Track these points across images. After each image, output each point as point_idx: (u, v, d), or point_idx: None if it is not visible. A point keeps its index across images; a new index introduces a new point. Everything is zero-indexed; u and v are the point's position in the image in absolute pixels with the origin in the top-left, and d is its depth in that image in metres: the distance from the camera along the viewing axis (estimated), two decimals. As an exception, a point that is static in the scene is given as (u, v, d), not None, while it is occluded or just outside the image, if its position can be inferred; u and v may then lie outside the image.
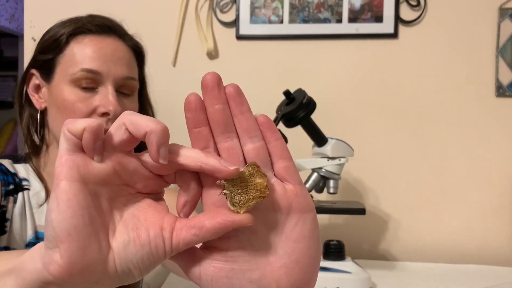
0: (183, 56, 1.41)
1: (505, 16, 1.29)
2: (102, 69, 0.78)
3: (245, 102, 0.38)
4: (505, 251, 1.31)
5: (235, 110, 0.38)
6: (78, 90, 0.78)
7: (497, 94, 1.31)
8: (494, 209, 1.32)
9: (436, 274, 1.18)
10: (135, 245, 0.33)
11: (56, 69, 0.80)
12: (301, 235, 0.39)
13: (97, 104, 0.78)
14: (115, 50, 0.81)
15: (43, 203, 0.80)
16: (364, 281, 1.03)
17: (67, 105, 0.77)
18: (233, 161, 0.38)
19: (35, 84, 0.83)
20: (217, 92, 0.37)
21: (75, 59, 0.78)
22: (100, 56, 0.79)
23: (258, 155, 0.39)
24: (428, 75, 1.33)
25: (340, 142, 1.06)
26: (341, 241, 1.09)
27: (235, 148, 0.38)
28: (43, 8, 1.44)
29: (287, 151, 0.40)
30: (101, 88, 0.79)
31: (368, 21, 1.33)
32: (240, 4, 1.36)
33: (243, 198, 0.36)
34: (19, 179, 0.80)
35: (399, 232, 1.35)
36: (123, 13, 1.41)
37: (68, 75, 0.78)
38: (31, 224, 0.79)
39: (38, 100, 0.83)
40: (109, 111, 0.77)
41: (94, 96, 0.78)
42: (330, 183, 1.07)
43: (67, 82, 0.78)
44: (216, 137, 0.38)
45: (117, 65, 0.80)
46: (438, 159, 1.33)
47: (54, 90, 0.79)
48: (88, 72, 0.77)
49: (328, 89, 1.35)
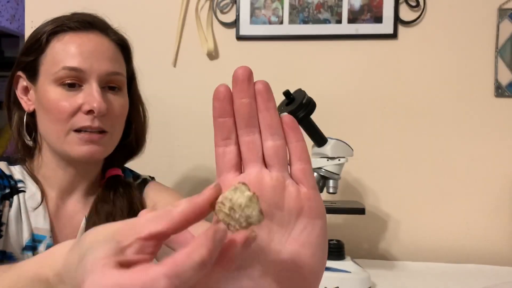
0: (183, 56, 1.41)
1: (504, 16, 1.30)
2: (84, 66, 0.76)
3: (272, 99, 0.39)
4: (505, 250, 1.31)
5: (261, 106, 0.38)
6: (61, 89, 0.76)
7: (496, 94, 1.31)
8: (494, 209, 1.32)
9: (435, 274, 1.18)
10: None
11: (40, 69, 0.78)
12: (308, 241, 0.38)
13: (81, 102, 0.75)
14: (97, 45, 0.79)
15: (38, 206, 0.78)
16: (363, 280, 1.03)
17: (52, 105, 0.76)
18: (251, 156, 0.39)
19: (23, 86, 0.81)
20: (246, 86, 0.38)
21: (56, 58, 0.76)
22: (82, 52, 0.76)
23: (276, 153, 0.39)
24: (427, 76, 1.34)
25: (340, 142, 1.07)
26: (341, 241, 1.09)
27: (256, 143, 0.39)
28: (44, 9, 1.45)
29: (306, 153, 0.39)
30: (85, 85, 0.77)
31: (367, 21, 1.33)
32: (240, 5, 1.36)
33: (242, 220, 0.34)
34: (14, 181, 0.79)
35: (399, 232, 1.35)
36: (124, 14, 1.42)
37: (51, 74, 0.76)
38: (27, 227, 0.77)
39: (27, 103, 0.81)
40: (93, 108, 0.75)
41: (78, 94, 0.76)
42: (329, 183, 1.07)
43: (51, 82, 0.76)
44: (239, 129, 0.39)
45: (100, 60, 0.77)
46: (437, 159, 1.34)
47: (40, 91, 0.78)
48: (70, 70, 0.75)
49: (328, 90, 1.35)
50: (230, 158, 0.39)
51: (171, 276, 0.28)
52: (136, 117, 0.88)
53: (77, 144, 0.76)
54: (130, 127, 0.87)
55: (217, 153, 0.40)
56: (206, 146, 1.41)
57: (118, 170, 0.88)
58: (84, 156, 0.77)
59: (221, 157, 0.39)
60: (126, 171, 0.92)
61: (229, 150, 0.39)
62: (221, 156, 0.39)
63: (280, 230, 0.39)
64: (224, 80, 1.39)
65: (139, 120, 0.89)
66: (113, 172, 0.87)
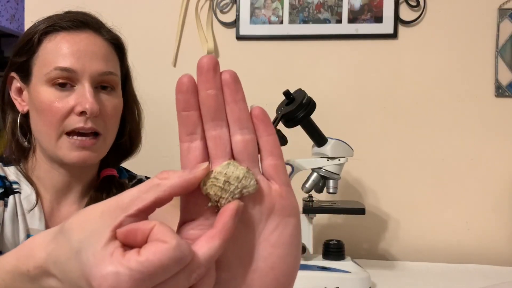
0: (183, 56, 1.41)
1: (505, 16, 1.30)
2: (76, 66, 0.74)
3: (240, 90, 0.36)
4: (505, 250, 1.31)
5: (228, 98, 0.36)
6: (54, 90, 0.74)
7: (496, 94, 1.31)
8: (494, 209, 1.32)
9: (435, 274, 1.18)
10: None
11: (33, 70, 0.77)
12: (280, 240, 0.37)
13: (73, 103, 0.74)
14: (89, 45, 0.76)
15: (33, 207, 0.77)
16: (363, 280, 1.03)
17: (44, 106, 0.74)
18: (219, 152, 0.36)
19: (17, 88, 0.80)
20: (212, 76, 0.35)
21: (48, 59, 0.75)
22: (73, 52, 0.74)
23: (246, 148, 0.36)
24: (427, 76, 1.34)
25: (340, 142, 1.07)
26: (341, 241, 1.09)
27: (223, 138, 0.36)
28: (43, 9, 1.44)
29: (278, 148, 0.37)
30: (78, 86, 0.75)
31: (367, 21, 1.33)
32: (240, 5, 1.36)
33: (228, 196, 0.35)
34: (9, 182, 0.77)
35: (399, 232, 1.35)
36: (124, 14, 1.42)
37: (43, 75, 0.74)
38: (23, 227, 0.76)
39: (21, 104, 0.79)
40: (85, 109, 0.73)
41: (70, 95, 0.74)
42: (329, 183, 1.07)
43: (43, 82, 0.75)
44: (205, 123, 0.36)
45: (92, 60, 0.75)
46: (437, 159, 1.34)
47: (33, 92, 0.76)
48: (62, 71, 0.73)
49: (328, 89, 1.35)
50: (196, 154, 0.37)
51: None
52: (130, 117, 0.86)
53: (68, 149, 0.75)
54: (125, 127, 0.85)
55: (181, 149, 0.37)
56: (206, 146, 1.41)
57: (113, 170, 0.86)
58: (77, 162, 0.75)
59: (186, 154, 0.37)
60: (122, 172, 0.91)
61: (194, 146, 0.37)
62: (186, 153, 0.37)
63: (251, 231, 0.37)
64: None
65: (133, 120, 0.87)
66: (108, 172, 0.85)
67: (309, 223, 1.08)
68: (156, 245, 0.31)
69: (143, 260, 0.30)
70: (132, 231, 0.32)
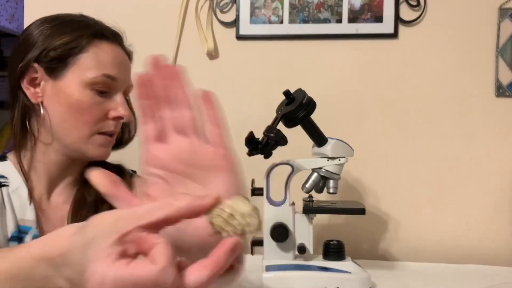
0: (183, 56, 1.41)
1: (505, 16, 1.29)
2: (118, 76, 0.82)
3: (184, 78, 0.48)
4: (505, 251, 1.31)
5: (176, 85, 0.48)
6: (93, 94, 0.80)
7: (497, 94, 1.31)
8: (494, 209, 1.32)
9: (435, 274, 1.18)
10: None
11: (70, 68, 0.80)
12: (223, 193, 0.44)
13: (110, 108, 0.82)
14: (124, 58, 0.86)
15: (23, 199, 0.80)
16: (364, 281, 1.03)
17: (82, 107, 0.79)
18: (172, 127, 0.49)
19: (32, 78, 0.81)
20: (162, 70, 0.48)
21: (94, 63, 0.80)
22: (118, 63, 0.83)
23: (193, 122, 0.48)
24: (428, 75, 1.33)
25: (340, 142, 1.06)
26: (341, 241, 1.09)
27: (175, 116, 0.48)
28: (43, 8, 1.44)
29: (221, 120, 0.49)
30: (113, 93, 0.83)
31: (368, 21, 1.33)
32: (240, 4, 1.36)
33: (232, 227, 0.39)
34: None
35: (399, 232, 1.35)
36: (123, 13, 1.42)
37: (86, 77, 0.79)
38: (12, 219, 0.79)
39: (35, 94, 0.81)
40: (123, 116, 0.82)
41: (107, 101, 0.82)
42: (330, 183, 1.07)
43: (82, 83, 0.79)
44: (161, 107, 0.48)
45: (126, 72, 0.86)
46: (437, 159, 1.33)
47: (64, 89, 0.79)
48: (108, 78, 0.80)
49: (328, 89, 1.35)
50: (154, 132, 0.49)
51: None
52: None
53: (99, 145, 0.82)
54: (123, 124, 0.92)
55: (143, 129, 0.49)
56: (206, 146, 1.41)
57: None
58: (101, 156, 0.84)
59: (146, 132, 0.49)
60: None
61: (152, 126, 0.49)
62: (146, 132, 0.49)
63: (197, 186, 0.47)
64: (224, 79, 1.39)
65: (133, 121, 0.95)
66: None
67: (309, 223, 1.08)
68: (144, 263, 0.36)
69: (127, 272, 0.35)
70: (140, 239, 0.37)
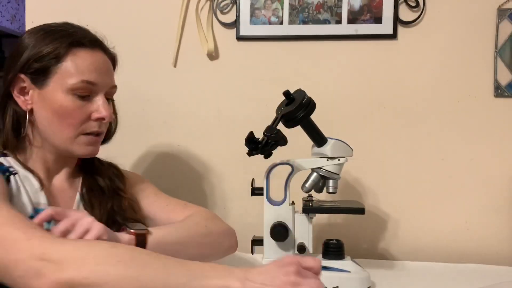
0: (183, 57, 1.42)
1: (504, 17, 1.30)
2: (98, 80, 0.90)
3: None
4: (504, 250, 1.32)
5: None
6: (75, 98, 0.88)
7: (495, 94, 1.31)
8: (493, 208, 1.32)
9: (435, 273, 1.18)
10: None
11: (52, 77, 0.88)
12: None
13: (92, 110, 0.90)
14: (104, 63, 0.93)
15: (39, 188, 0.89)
16: (363, 280, 1.03)
17: (65, 111, 0.88)
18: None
19: (21, 87, 0.90)
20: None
21: (73, 71, 0.88)
22: (96, 68, 0.90)
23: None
24: (427, 76, 1.34)
25: (340, 142, 1.07)
26: (341, 241, 1.09)
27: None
28: (44, 9, 1.45)
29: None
30: (94, 96, 0.90)
31: (367, 22, 1.33)
32: (240, 5, 1.37)
33: None
34: (5, 167, 0.88)
35: (398, 232, 1.36)
36: (124, 14, 1.42)
37: (67, 84, 0.87)
38: (29, 202, 0.86)
39: (25, 102, 0.90)
40: (104, 117, 0.90)
41: (88, 104, 0.90)
42: (329, 182, 1.08)
43: (64, 90, 0.87)
44: None
45: (107, 76, 0.93)
46: (437, 158, 1.34)
47: (49, 97, 0.88)
48: (87, 83, 0.88)
49: (328, 90, 1.36)
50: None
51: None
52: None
53: (85, 144, 0.91)
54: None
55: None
56: (206, 146, 1.41)
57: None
58: (86, 155, 0.93)
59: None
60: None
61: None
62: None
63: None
64: (224, 80, 1.40)
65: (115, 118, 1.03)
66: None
67: (309, 222, 1.09)
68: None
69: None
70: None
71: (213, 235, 0.97)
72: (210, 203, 1.41)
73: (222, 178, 1.41)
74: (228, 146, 1.39)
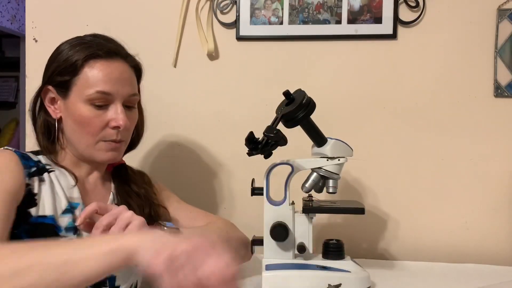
0: (183, 57, 1.42)
1: (504, 17, 1.30)
2: (112, 90, 0.93)
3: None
4: (504, 250, 1.32)
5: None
6: (92, 108, 0.93)
7: (495, 94, 1.31)
8: (493, 208, 1.33)
9: (435, 273, 1.18)
10: None
11: (72, 88, 0.94)
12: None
13: (109, 119, 0.94)
14: (121, 72, 0.96)
15: (75, 184, 0.96)
16: (363, 280, 1.03)
17: (84, 120, 0.93)
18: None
19: (51, 97, 0.97)
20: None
21: (89, 82, 0.92)
22: (111, 79, 0.93)
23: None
24: (426, 76, 1.34)
25: (339, 142, 1.07)
26: (341, 241, 1.09)
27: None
28: (44, 9, 1.45)
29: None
30: (111, 105, 0.94)
31: (367, 22, 1.34)
32: (240, 5, 1.37)
33: None
34: (42, 164, 0.95)
35: (398, 232, 1.36)
36: (124, 14, 1.42)
37: (84, 95, 0.92)
38: (64, 196, 0.93)
39: (54, 111, 0.97)
40: (120, 125, 0.94)
41: (106, 113, 0.94)
42: (329, 182, 1.08)
43: (83, 100, 0.93)
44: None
45: (124, 85, 0.95)
46: (436, 159, 1.34)
47: (71, 106, 0.94)
48: (101, 94, 0.92)
49: (328, 90, 1.36)
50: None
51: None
52: (139, 122, 1.06)
53: (105, 150, 0.96)
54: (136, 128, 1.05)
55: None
56: (206, 146, 1.41)
57: (122, 160, 1.08)
58: (108, 160, 0.98)
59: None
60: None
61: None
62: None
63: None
64: (224, 80, 1.40)
65: (141, 122, 1.08)
66: (120, 161, 1.07)
67: (309, 222, 1.09)
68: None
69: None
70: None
71: (233, 242, 1.04)
72: (210, 203, 1.41)
73: (222, 178, 1.41)
74: (228, 146, 1.39)
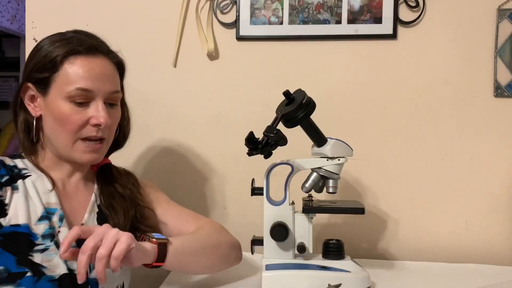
0: (183, 57, 1.42)
1: (504, 17, 1.30)
2: (93, 87, 0.91)
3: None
4: (504, 250, 1.32)
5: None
6: (72, 105, 0.91)
7: (495, 94, 1.31)
8: (493, 208, 1.33)
9: (434, 273, 1.18)
10: None
11: (52, 85, 0.92)
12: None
13: (89, 116, 0.91)
14: (103, 69, 0.93)
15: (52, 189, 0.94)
16: (363, 280, 1.03)
17: (64, 117, 0.91)
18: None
19: (30, 95, 0.95)
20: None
21: (69, 79, 0.90)
22: (91, 76, 0.91)
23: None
24: (426, 76, 1.34)
25: (339, 142, 1.07)
26: (341, 240, 1.09)
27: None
28: (44, 9, 1.45)
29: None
30: (92, 102, 0.92)
31: (367, 22, 1.34)
32: (240, 5, 1.37)
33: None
34: (18, 169, 0.93)
35: (398, 231, 1.36)
36: (124, 14, 1.42)
37: (64, 92, 0.90)
38: (40, 203, 0.91)
39: (34, 109, 0.95)
40: (100, 123, 0.92)
41: (86, 110, 0.92)
42: (329, 182, 1.08)
43: (63, 97, 0.91)
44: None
45: (105, 82, 0.93)
46: (436, 159, 1.34)
47: (51, 104, 0.92)
48: (82, 91, 0.90)
49: (328, 90, 1.36)
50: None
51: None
52: (122, 120, 1.04)
53: (82, 151, 0.93)
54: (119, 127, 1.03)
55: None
56: (206, 146, 1.41)
57: (107, 159, 1.06)
58: (87, 162, 0.96)
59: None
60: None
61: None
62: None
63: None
64: (224, 80, 1.40)
65: (125, 121, 1.06)
66: (104, 161, 1.05)
67: (309, 222, 1.09)
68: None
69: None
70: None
71: (223, 247, 1.02)
72: (210, 203, 1.41)
73: (222, 178, 1.41)
74: (228, 146, 1.39)
